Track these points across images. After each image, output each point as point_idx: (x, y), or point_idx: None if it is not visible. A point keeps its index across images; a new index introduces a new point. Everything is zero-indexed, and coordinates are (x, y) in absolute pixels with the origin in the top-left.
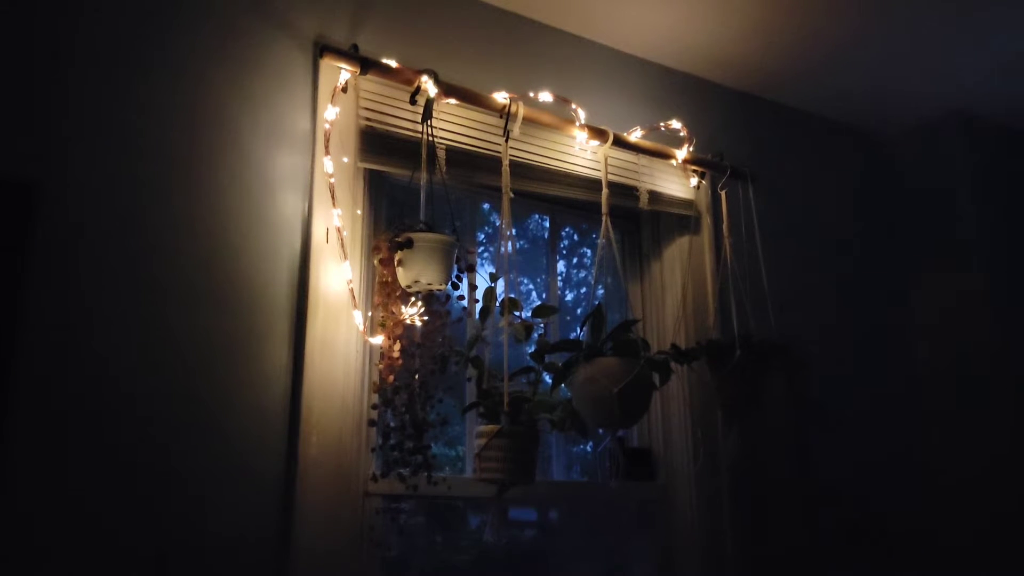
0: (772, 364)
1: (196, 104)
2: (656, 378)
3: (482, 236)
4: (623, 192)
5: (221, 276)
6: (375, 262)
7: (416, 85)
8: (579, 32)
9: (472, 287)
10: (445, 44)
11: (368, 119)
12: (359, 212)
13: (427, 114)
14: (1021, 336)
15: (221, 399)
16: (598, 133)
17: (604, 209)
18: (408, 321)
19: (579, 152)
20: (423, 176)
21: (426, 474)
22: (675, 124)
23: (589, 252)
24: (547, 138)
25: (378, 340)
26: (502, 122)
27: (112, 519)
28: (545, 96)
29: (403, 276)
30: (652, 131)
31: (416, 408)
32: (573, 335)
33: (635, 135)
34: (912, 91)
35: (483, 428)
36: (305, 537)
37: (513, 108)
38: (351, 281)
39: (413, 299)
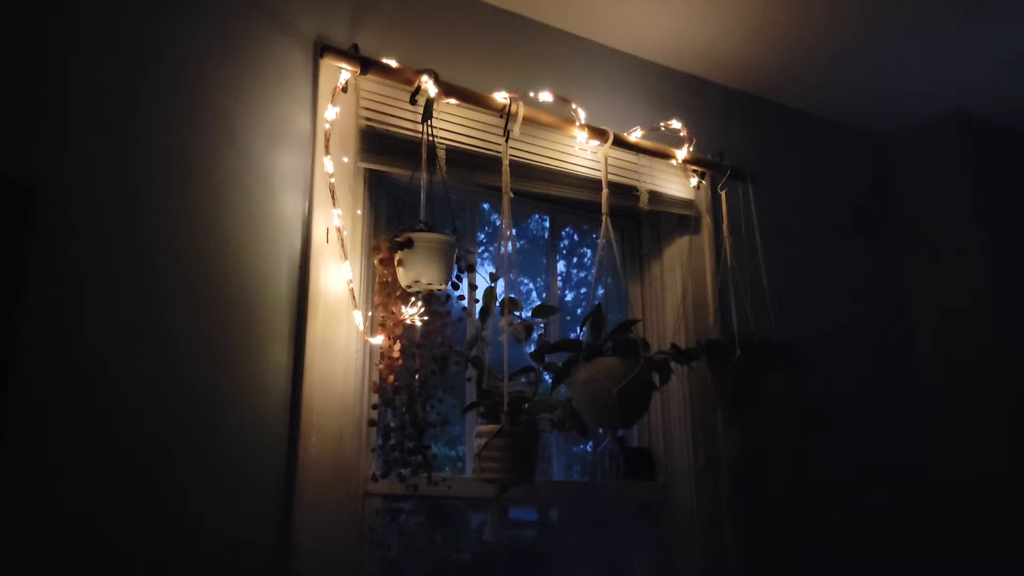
0: (772, 364)
1: (195, 104)
2: (656, 378)
3: (482, 236)
4: (623, 192)
5: (221, 276)
6: (375, 262)
7: (416, 85)
8: (579, 32)
9: (472, 287)
10: (445, 44)
11: (368, 119)
12: (359, 212)
13: (427, 114)
14: (1021, 336)
15: (221, 399)
16: (598, 133)
17: (604, 209)
18: (408, 321)
19: (579, 152)
20: (423, 176)
21: (426, 474)
22: (675, 124)
23: (589, 252)
24: (547, 138)
25: (378, 340)
26: (502, 122)
27: (112, 519)
28: (545, 96)
29: (403, 276)
30: (652, 131)
31: (416, 408)
32: (573, 335)
33: (635, 135)
34: (912, 91)
35: (483, 428)
36: (305, 537)
37: (513, 108)
38: (351, 281)
39: (413, 299)
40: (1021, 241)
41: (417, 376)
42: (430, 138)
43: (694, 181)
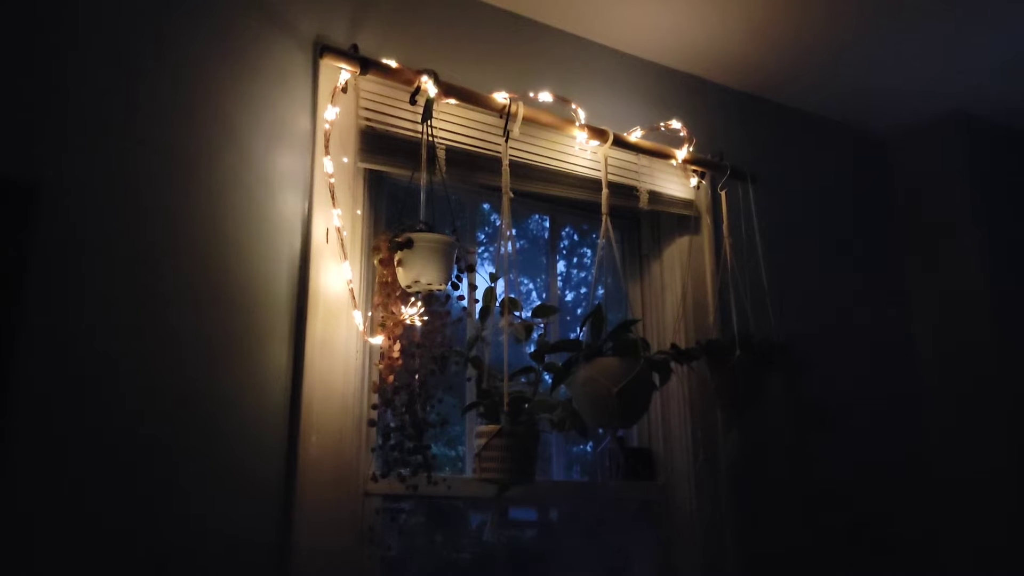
0: (772, 364)
1: (196, 104)
2: (656, 378)
3: (482, 236)
4: (623, 192)
5: (221, 276)
6: (375, 262)
7: (416, 85)
8: (579, 32)
9: (472, 287)
10: (445, 44)
11: (368, 119)
12: (359, 212)
13: (427, 114)
14: (1021, 335)
15: (221, 399)
16: (598, 133)
17: (604, 209)
18: (408, 321)
19: (579, 152)
20: (423, 176)
21: (426, 474)
22: (675, 124)
23: (589, 252)
24: (547, 138)
25: (378, 340)
26: (502, 122)
27: (112, 519)
28: (545, 96)
29: (403, 276)
30: (652, 131)
31: (416, 408)
32: (573, 335)
33: (635, 135)
34: (912, 91)
35: (483, 428)
36: (305, 537)
37: (513, 108)
38: (351, 281)
39: (413, 299)
40: (1021, 241)
41: (417, 376)
42: (430, 138)
43: (694, 181)
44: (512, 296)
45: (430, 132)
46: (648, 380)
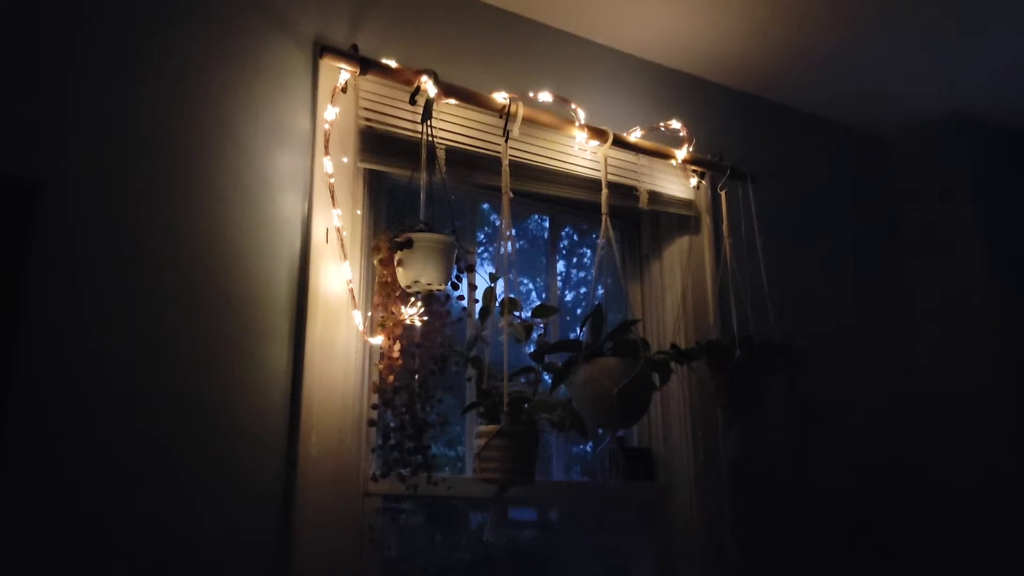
0: (772, 364)
1: (195, 104)
2: (656, 378)
3: (482, 236)
4: (623, 192)
5: (221, 276)
6: (375, 262)
7: (416, 85)
8: (579, 32)
9: (472, 287)
10: (445, 44)
11: (368, 119)
12: (359, 212)
13: (427, 114)
14: (1020, 336)
15: (220, 399)
16: (598, 133)
17: (604, 209)
18: (408, 321)
19: (579, 152)
20: (423, 176)
21: (426, 474)
22: (675, 124)
23: (589, 252)
24: (547, 138)
25: (378, 340)
26: (502, 122)
27: (112, 519)
28: (545, 96)
29: (403, 276)
30: (652, 131)
31: (416, 408)
32: (573, 335)
33: (635, 135)
34: (912, 91)
35: (483, 428)
36: (305, 537)
37: (513, 108)
38: (351, 281)
39: (413, 299)
40: (1021, 241)
41: (417, 376)
42: (430, 138)
43: (694, 181)
44: (512, 296)
45: (430, 132)
46: (648, 380)
